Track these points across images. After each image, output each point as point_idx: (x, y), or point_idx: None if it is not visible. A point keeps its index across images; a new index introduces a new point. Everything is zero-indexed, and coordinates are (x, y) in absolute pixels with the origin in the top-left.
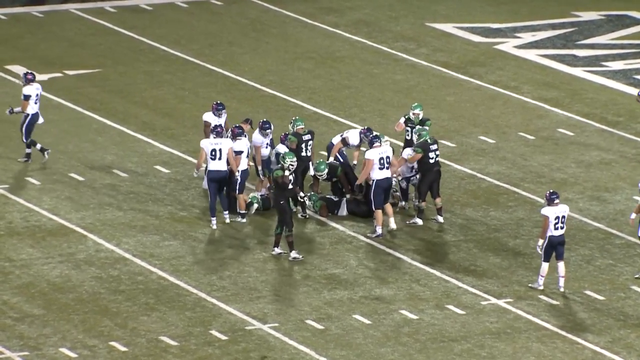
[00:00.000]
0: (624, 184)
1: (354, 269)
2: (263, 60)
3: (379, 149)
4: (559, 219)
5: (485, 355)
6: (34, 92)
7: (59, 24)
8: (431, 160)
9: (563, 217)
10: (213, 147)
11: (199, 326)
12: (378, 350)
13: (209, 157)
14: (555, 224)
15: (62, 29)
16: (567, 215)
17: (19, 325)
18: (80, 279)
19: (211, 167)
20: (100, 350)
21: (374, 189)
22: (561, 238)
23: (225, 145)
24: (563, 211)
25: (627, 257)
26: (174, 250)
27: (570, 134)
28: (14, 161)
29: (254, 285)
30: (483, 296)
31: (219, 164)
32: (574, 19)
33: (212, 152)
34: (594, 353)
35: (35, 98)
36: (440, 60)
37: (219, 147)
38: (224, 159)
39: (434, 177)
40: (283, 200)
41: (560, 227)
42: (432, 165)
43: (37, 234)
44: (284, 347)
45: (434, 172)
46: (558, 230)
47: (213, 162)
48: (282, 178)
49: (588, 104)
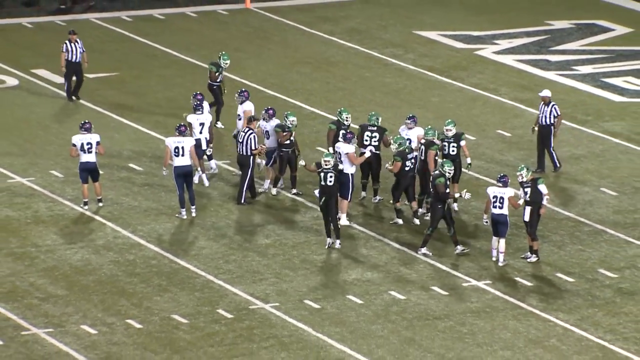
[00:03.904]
0: (591, 177)
1: (348, 254)
2: (265, 64)
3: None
4: (496, 198)
5: (466, 331)
6: None
7: (80, 32)
8: (406, 167)
9: (501, 198)
10: (176, 145)
11: (207, 305)
12: (369, 327)
13: (173, 154)
14: (494, 202)
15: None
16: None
17: (44, 305)
18: (99, 262)
19: (176, 163)
20: (117, 327)
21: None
22: (499, 217)
23: (187, 143)
24: (501, 192)
25: (594, 243)
26: (185, 236)
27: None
28: (40, 156)
29: (257, 269)
30: (464, 278)
31: (183, 159)
32: (547, 27)
33: (176, 149)
34: (564, 330)
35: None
36: (425, 65)
37: (181, 145)
38: (187, 155)
39: (409, 182)
40: (441, 205)
41: (499, 207)
42: (406, 172)
43: (61, 222)
44: (284, 325)
45: (409, 178)
46: (496, 209)
47: (177, 158)
48: (443, 187)
49: (559, 104)
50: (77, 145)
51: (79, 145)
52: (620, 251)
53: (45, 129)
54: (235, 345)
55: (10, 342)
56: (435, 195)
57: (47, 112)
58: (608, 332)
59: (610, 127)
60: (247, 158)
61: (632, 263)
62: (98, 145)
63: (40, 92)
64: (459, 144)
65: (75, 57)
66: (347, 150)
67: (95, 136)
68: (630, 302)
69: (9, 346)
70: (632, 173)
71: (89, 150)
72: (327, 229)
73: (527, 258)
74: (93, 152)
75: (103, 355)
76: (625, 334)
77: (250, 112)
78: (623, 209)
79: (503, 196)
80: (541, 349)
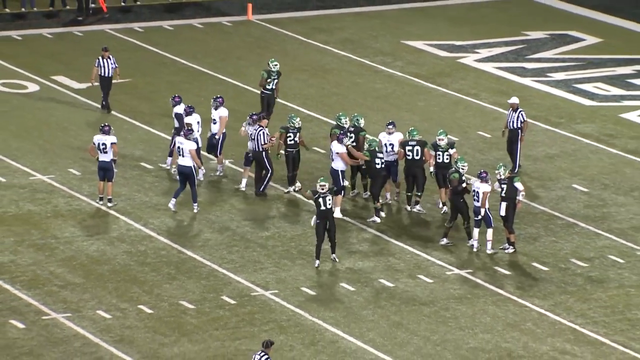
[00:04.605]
0: (564, 174)
1: (341, 245)
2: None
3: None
4: (475, 192)
5: (449, 316)
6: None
7: (96, 42)
8: (377, 166)
9: (477, 192)
10: (178, 145)
11: (212, 292)
12: (360, 312)
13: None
14: (474, 196)
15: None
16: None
17: (62, 292)
18: (113, 253)
19: (178, 162)
20: (130, 312)
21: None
22: (476, 209)
23: (187, 146)
24: (477, 187)
25: (567, 235)
26: (192, 229)
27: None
28: (59, 156)
29: (258, 259)
30: (448, 267)
31: (182, 160)
32: (524, 37)
33: (178, 149)
34: (539, 314)
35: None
36: (412, 72)
37: (182, 146)
38: (187, 156)
39: (383, 180)
40: (462, 199)
41: (475, 200)
42: (379, 171)
43: (78, 216)
44: (283, 310)
45: (382, 177)
46: (475, 201)
47: (180, 158)
48: (457, 181)
49: (535, 108)
50: (95, 144)
51: (97, 144)
52: (590, 242)
53: (64, 131)
54: (238, 329)
55: (32, 326)
56: (453, 189)
57: (66, 115)
58: (579, 316)
59: (581, 129)
60: (260, 154)
61: (601, 253)
62: (113, 145)
63: (59, 97)
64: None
65: (107, 72)
66: (338, 150)
67: (111, 138)
68: (600, 289)
69: (31, 329)
70: (601, 171)
71: (103, 150)
72: (317, 251)
73: (505, 249)
74: (108, 152)
75: (117, 338)
76: (594, 318)
77: (225, 117)
78: (593, 204)
79: (478, 191)
80: (518, 332)
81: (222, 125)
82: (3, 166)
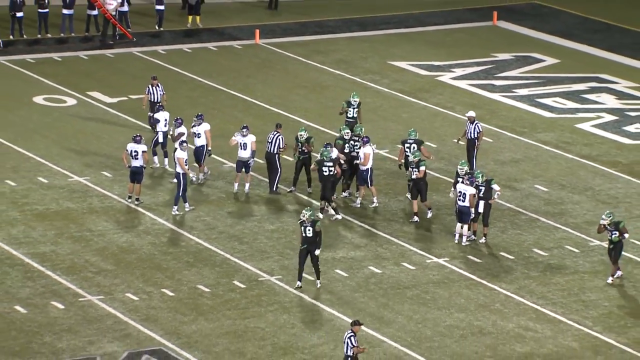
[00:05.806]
0: (528, 176)
1: (336, 237)
2: (271, 88)
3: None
4: (461, 193)
5: (429, 298)
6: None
7: (125, 62)
8: (325, 173)
9: (462, 193)
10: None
11: (225, 278)
12: (353, 295)
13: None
14: (459, 196)
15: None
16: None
17: (96, 277)
18: (140, 244)
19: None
20: (154, 295)
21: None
22: (463, 208)
23: (176, 155)
24: (463, 189)
25: (530, 228)
26: (207, 223)
27: (490, 141)
28: (93, 160)
29: (265, 249)
30: (427, 256)
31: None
32: (493, 59)
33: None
34: (506, 296)
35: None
36: (397, 88)
37: (174, 154)
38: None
39: (332, 185)
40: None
41: (461, 200)
42: (327, 177)
43: (110, 212)
44: (286, 293)
45: (330, 182)
46: (460, 201)
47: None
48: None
49: (502, 119)
50: (128, 151)
51: (129, 151)
52: (550, 235)
53: (98, 139)
54: (247, 309)
55: (70, 307)
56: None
57: (99, 125)
58: (540, 298)
59: (542, 137)
60: (273, 156)
61: (559, 244)
62: (144, 153)
63: (94, 110)
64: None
65: (155, 98)
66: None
67: (142, 146)
68: (558, 275)
69: (69, 309)
70: (559, 173)
71: (135, 156)
72: (299, 274)
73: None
74: (140, 159)
75: (143, 317)
76: (553, 300)
77: (209, 131)
78: (552, 201)
79: (464, 192)
80: (488, 312)
81: (208, 137)
82: (45, 169)
